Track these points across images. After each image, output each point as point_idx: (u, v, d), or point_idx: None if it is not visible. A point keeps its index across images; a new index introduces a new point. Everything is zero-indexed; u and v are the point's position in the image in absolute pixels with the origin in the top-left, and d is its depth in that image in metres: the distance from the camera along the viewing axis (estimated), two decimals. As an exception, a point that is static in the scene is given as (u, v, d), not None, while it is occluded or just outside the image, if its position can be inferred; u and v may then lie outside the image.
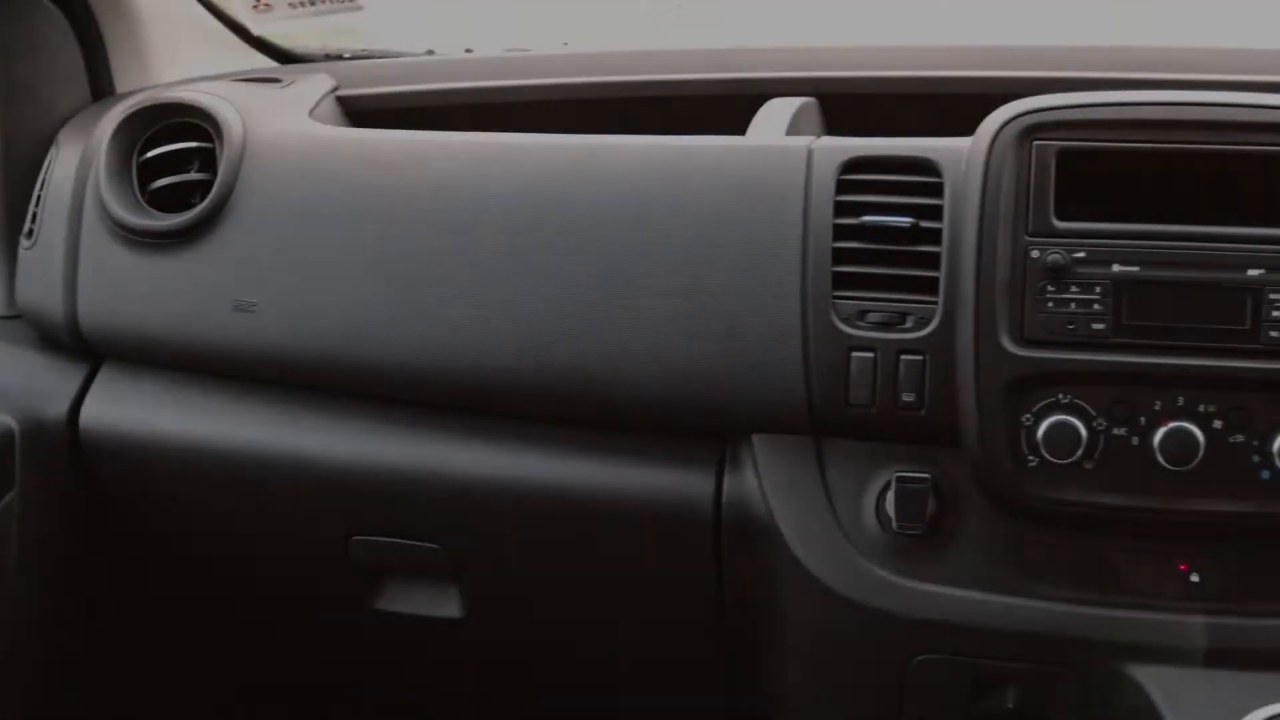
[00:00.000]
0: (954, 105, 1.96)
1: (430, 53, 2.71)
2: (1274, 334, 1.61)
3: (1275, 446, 1.62)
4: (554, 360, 1.85)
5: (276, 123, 2.14)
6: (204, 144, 2.11)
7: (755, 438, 1.84)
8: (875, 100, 2.28)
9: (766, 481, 1.83)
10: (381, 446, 2.00)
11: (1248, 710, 1.65)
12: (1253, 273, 1.62)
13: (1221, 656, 1.71)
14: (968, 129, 1.75)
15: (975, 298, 1.66)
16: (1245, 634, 1.71)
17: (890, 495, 1.77)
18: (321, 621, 2.26)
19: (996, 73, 2.21)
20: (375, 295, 1.92)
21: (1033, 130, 1.67)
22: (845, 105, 2.25)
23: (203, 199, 2.05)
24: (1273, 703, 1.64)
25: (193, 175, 2.10)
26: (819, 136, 1.90)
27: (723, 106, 2.22)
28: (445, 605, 2.10)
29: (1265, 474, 1.64)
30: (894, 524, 1.76)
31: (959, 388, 1.68)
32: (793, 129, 2.03)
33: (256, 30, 2.57)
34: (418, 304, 1.90)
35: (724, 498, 1.86)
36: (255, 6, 2.54)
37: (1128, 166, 1.68)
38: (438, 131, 2.07)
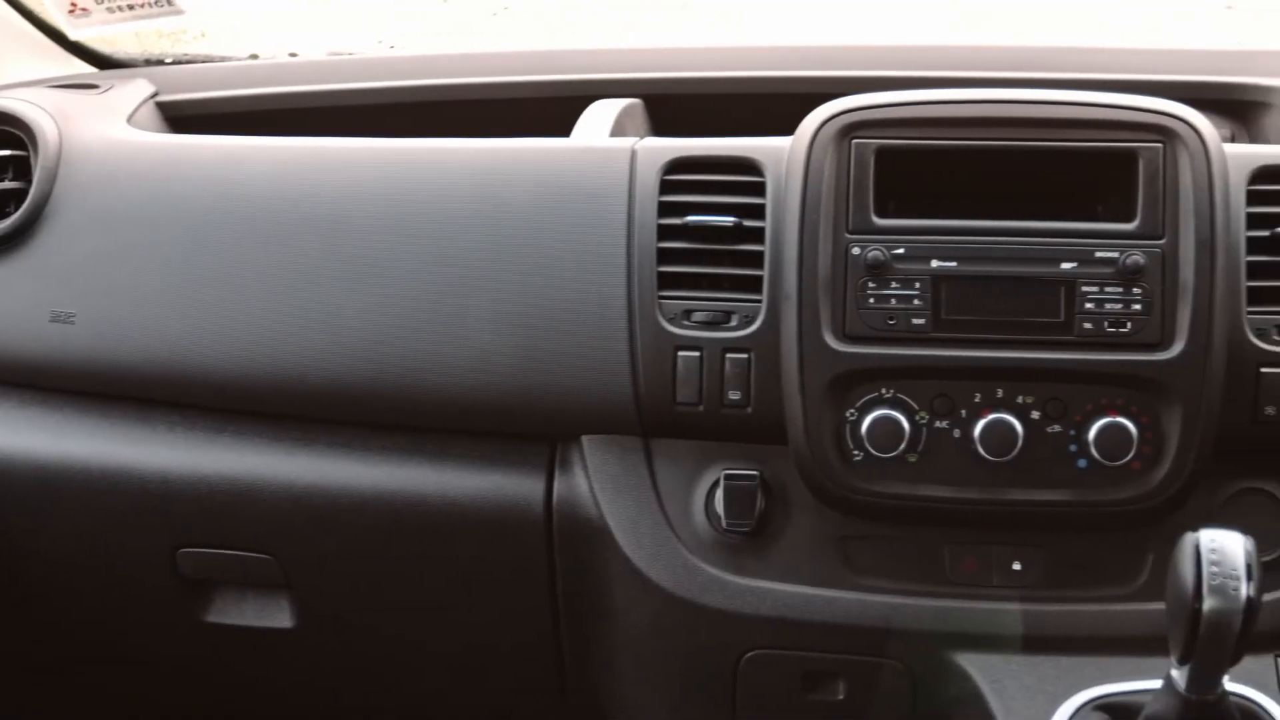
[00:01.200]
0: (779, 105, 1.98)
1: (254, 57, 2.67)
2: (1087, 325, 1.65)
3: (1091, 435, 1.66)
4: (379, 365, 1.83)
5: (93, 130, 2.10)
6: (18, 152, 2.06)
7: (584, 439, 1.84)
8: (702, 101, 2.29)
9: (596, 482, 1.83)
10: (208, 457, 1.96)
11: (1071, 694, 1.68)
12: (1066, 266, 1.66)
13: (1044, 642, 1.74)
14: (793, 129, 1.76)
15: (798, 295, 1.68)
16: (1066, 620, 1.75)
17: (719, 493, 1.78)
18: (152, 635, 2.21)
19: (818, 72, 2.24)
20: (195, 304, 1.89)
21: (851, 129, 1.69)
22: (673, 106, 2.26)
23: (17, 208, 2.00)
24: (1093, 686, 1.68)
25: (6, 184, 2.05)
26: (643, 137, 1.91)
27: (549, 108, 2.22)
28: (277, 616, 2.08)
29: (1082, 462, 1.68)
30: (723, 522, 1.78)
31: (784, 385, 1.70)
32: (617, 130, 2.04)
33: (73, 35, 2.51)
34: (239, 311, 1.88)
35: (554, 500, 1.86)
36: (71, 11, 2.48)
37: (944, 163, 1.71)
38: (259, 137, 2.05)
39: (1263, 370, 1.68)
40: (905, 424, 1.68)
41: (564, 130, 2.05)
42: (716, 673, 1.85)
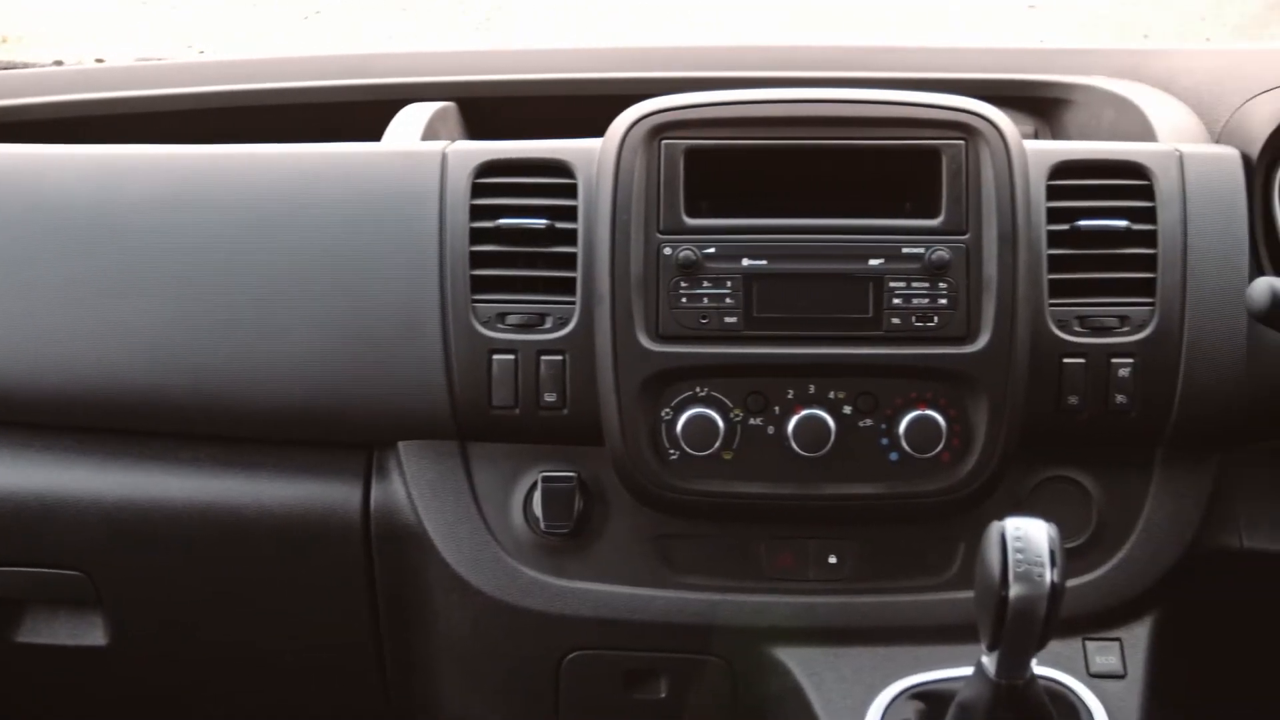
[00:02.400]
0: (593, 106, 1.98)
1: (58, 63, 2.61)
2: (895, 320, 1.68)
3: (901, 429, 1.69)
4: (191, 375, 1.80)
5: None
6: None
7: (401, 444, 1.83)
8: (516, 103, 2.29)
9: (414, 488, 1.82)
10: (13, 472, 1.91)
11: (887, 683, 1.72)
12: (873, 262, 1.68)
13: (861, 634, 1.77)
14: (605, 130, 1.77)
15: (611, 296, 1.68)
16: (882, 611, 1.78)
17: (537, 495, 1.78)
18: None
19: (630, 74, 2.25)
20: None
21: (660, 129, 1.70)
22: (488, 109, 2.25)
23: None
24: (908, 675, 1.71)
25: None
26: (455, 140, 1.90)
27: (362, 113, 2.19)
28: (90, 634, 2.03)
29: (894, 456, 1.71)
30: (541, 524, 1.78)
31: (599, 385, 1.70)
32: (429, 133, 2.02)
33: None
34: (44, 324, 1.83)
35: (372, 507, 1.85)
36: None
37: (755, 162, 1.73)
38: (65, 145, 2.00)
39: (1065, 361, 1.73)
40: (720, 422, 1.69)
41: (377, 135, 2.03)
42: (538, 675, 1.85)
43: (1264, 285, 1.59)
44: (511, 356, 1.74)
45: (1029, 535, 1.37)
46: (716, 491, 1.72)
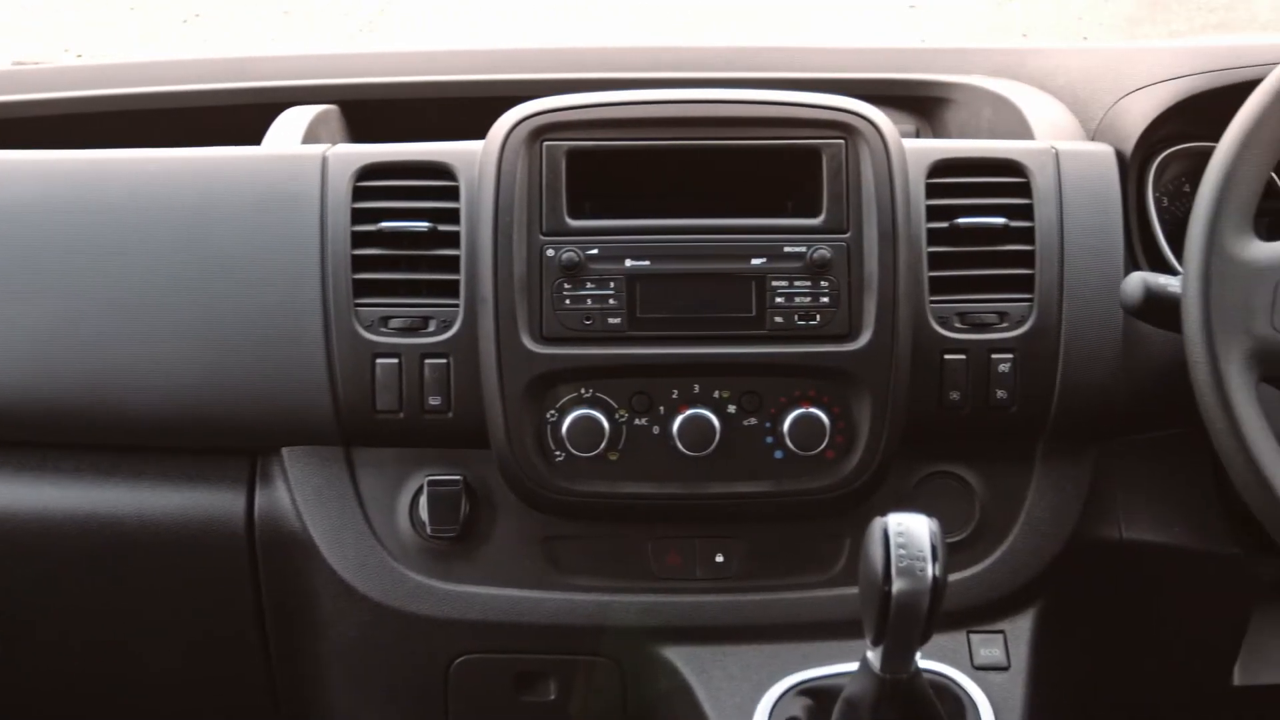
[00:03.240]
0: (477, 108, 1.97)
1: (-74, 69, 2.56)
2: (778, 319, 1.69)
3: (786, 427, 1.70)
4: (68, 381, 1.77)
5: None
6: None
7: (285, 450, 1.81)
8: (399, 106, 2.27)
9: (298, 494, 1.80)
10: None
11: (775, 680, 1.73)
12: (755, 261, 1.69)
13: (748, 631, 1.79)
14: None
15: (494, 298, 1.67)
16: (769, 608, 1.79)
17: (423, 500, 1.77)
18: None
19: (512, 76, 2.24)
20: None
21: (541, 131, 1.69)
22: (372, 112, 2.24)
23: None
24: (796, 671, 1.72)
25: None
26: (336, 143, 1.88)
27: (242, 116, 2.17)
28: None
29: (778, 454, 1.72)
30: (427, 528, 1.77)
31: (484, 388, 1.70)
32: (310, 137, 2.01)
33: None
34: None
35: (256, 514, 1.83)
36: None
37: (638, 163, 1.73)
38: None
39: (946, 357, 1.74)
40: (605, 423, 1.69)
41: (258, 140, 2.01)
42: (427, 679, 1.84)
43: (1137, 280, 1.61)
44: (395, 360, 1.73)
45: (911, 530, 1.38)
46: (603, 492, 1.72)
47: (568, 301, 1.68)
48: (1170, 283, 1.60)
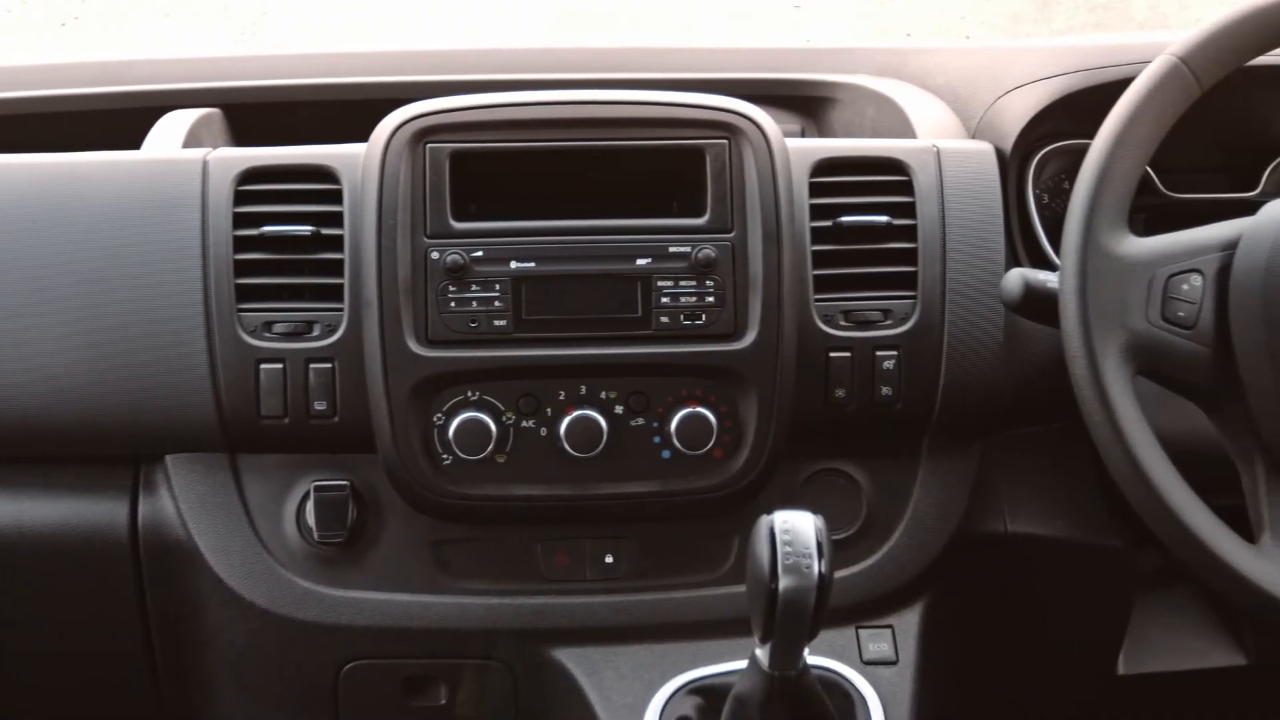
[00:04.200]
0: (361, 111, 1.96)
1: None
2: (664, 319, 1.69)
3: (673, 426, 1.70)
4: None
5: None
6: None
7: (169, 458, 1.79)
8: (283, 109, 2.25)
9: (183, 502, 1.78)
10: None
11: (666, 679, 1.73)
12: (641, 262, 1.69)
13: (639, 631, 1.79)
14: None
15: (379, 302, 1.66)
16: (659, 608, 1.80)
17: (309, 505, 1.76)
18: None
19: (396, 78, 2.23)
20: None
21: (424, 133, 1.69)
22: (256, 116, 2.21)
23: None
24: (687, 670, 1.73)
25: None
26: (217, 147, 1.86)
27: (122, 120, 2.14)
28: None
29: (666, 453, 1.72)
30: (315, 534, 1.76)
31: (369, 392, 1.69)
32: (192, 141, 1.98)
33: None
34: None
35: (140, 523, 1.81)
36: None
37: (523, 165, 1.73)
38: None
39: (831, 355, 1.76)
40: (492, 425, 1.69)
41: (139, 144, 1.98)
42: (316, 686, 1.83)
43: (1016, 276, 1.63)
44: (279, 365, 1.71)
45: (797, 528, 1.39)
46: (491, 495, 1.71)
47: (453, 304, 1.68)
48: (1049, 278, 1.62)
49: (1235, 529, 1.55)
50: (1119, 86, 1.61)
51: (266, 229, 1.73)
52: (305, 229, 1.73)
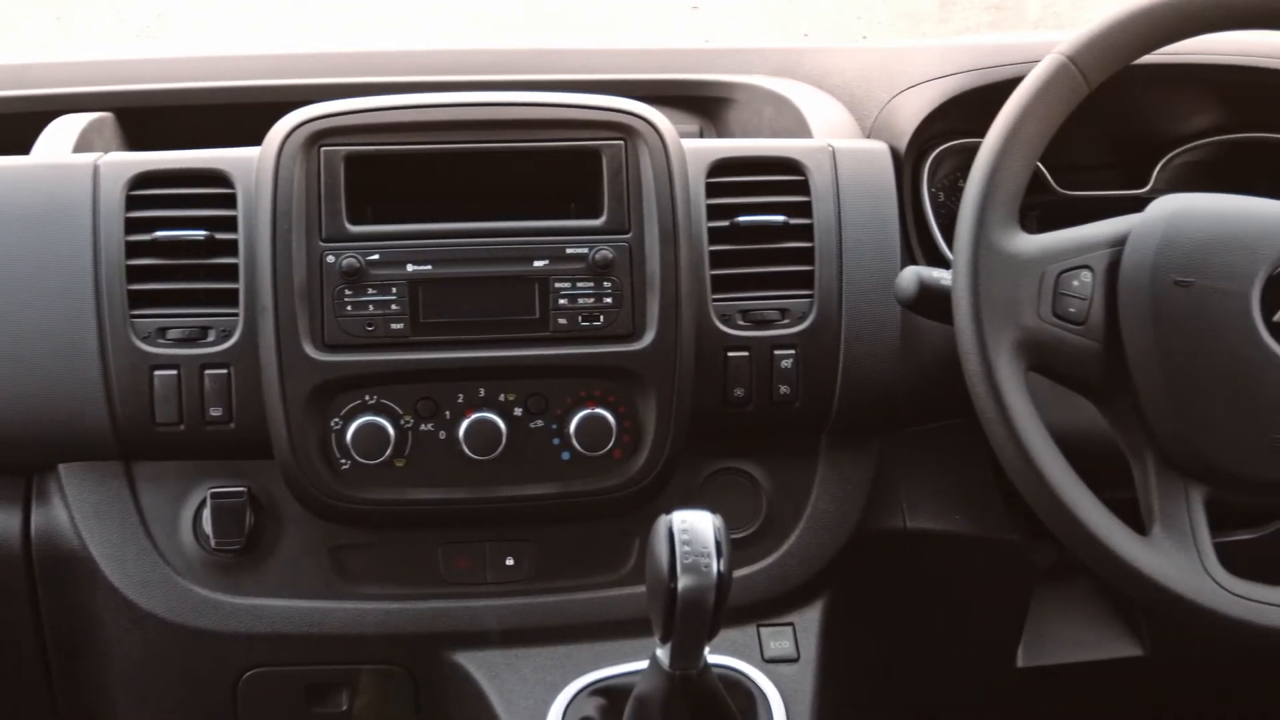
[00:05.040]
0: (258, 114, 1.94)
1: None
2: (562, 321, 1.69)
3: (572, 428, 1.70)
4: None
5: None
6: None
7: (62, 468, 1.76)
8: (177, 113, 2.23)
9: (76, 512, 1.76)
10: None
11: (568, 682, 1.73)
12: (538, 264, 1.69)
13: (541, 633, 1.79)
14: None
15: (274, 306, 1.65)
16: (561, 609, 1.80)
17: (206, 513, 1.74)
18: None
19: (292, 80, 2.21)
20: None
21: (318, 136, 1.67)
22: (148, 119, 2.19)
23: None
24: (589, 671, 1.73)
25: None
26: (110, 152, 1.84)
27: (11, 125, 2.11)
28: None
29: (565, 455, 1.72)
30: (212, 541, 1.74)
31: (266, 398, 1.67)
32: (82, 145, 1.95)
33: None
34: None
35: (33, 535, 1.78)
36: None
37: (419, 167, 1.72)
38: None
39: (729, 354, 1.76)
40: (390, 429, 1.68)
41: (28, 149, 1.95)
42: (216, 695, 1.81)
43: (910, 274, 1.65)
44: (174, 372, 1.70)
45: (695, 527, 1.39)
46: (390, 499, 1.71)
47: (349, 308, 1.67)
48: (942, 276, 1.63)
49: (1128, 522, 1.57)
50: (1009, 85, 1.62)
51: (159, 234, 1.71)
52: (199, 234, 1.71)
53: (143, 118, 2.19)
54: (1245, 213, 1.61)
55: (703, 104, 2.30)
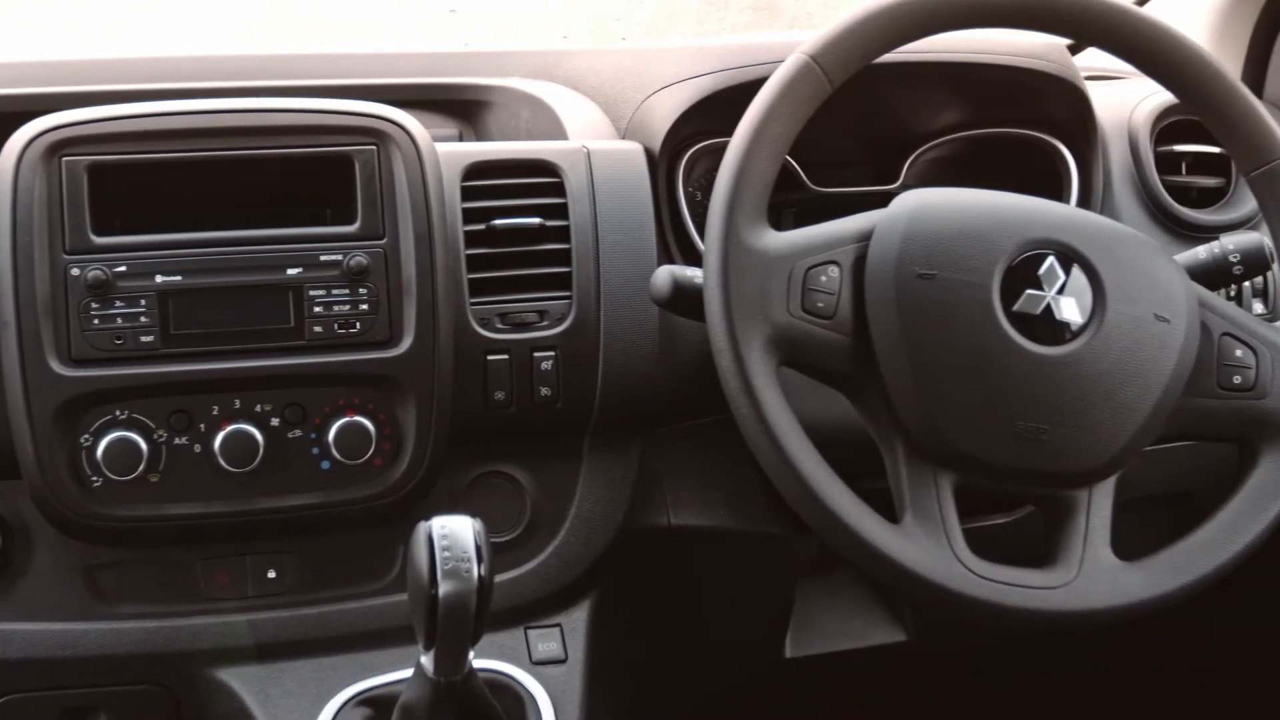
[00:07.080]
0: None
1: None
2: (317, 329, 1.67)
3: (331, 437, 1.69)
4: None
5: None
6: None
7: None
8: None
9: None
10: None
11: (334, 693, 1.71)
12: (292, 272, 1.67)
13: (306, 646, 1.77)
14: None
15: (17, 321, 1.60)
16: (325, 620, 1.78)
17: None
18: None
19: (31, 89, 2.14)
20: None
21: (60, 146, 1.63)
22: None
23: None
24: (355, 682, 1.71)
25: None
26: None
27: None
28: None
29: (325, 464, 1.70)
30: None
31: (10, 416, 1.62)
32: None
33: None
34: None
35: None
36: None
37: (169, 177, 1.69)
38: None
39: (489, 358, 1.76)
40: (143, 444, 1.64)
41: None
42: None
43: (664, 273, 1.66)
44: None
45: (455, 532, 1.39)
46: (145, 516, 1.67)
47: (96, 321, 1.62)
48: (695, 274, 1.65)
49: (883, 511, 1.61)
50: (757, 85, 1.65)
51: None
52: None
53: None
54: (985, 206, 1.65)
55: (461, 108, 2.29)
